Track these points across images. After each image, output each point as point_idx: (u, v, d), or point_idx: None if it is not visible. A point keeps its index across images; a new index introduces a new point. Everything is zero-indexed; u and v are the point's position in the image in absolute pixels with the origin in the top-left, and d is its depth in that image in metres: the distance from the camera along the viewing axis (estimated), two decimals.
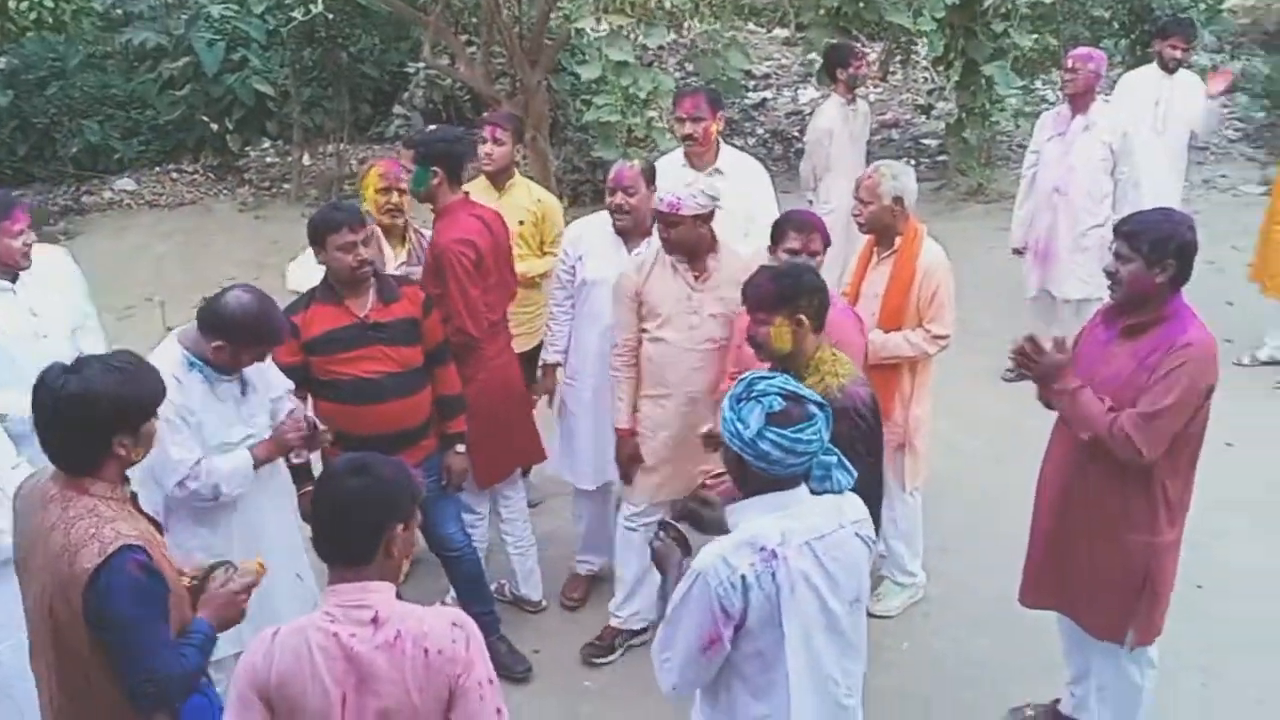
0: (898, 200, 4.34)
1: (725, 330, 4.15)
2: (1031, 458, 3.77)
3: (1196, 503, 3.55)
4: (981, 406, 6.36)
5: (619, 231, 4.46)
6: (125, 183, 10.88)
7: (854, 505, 2.68)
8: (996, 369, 6.75)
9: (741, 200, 4.86)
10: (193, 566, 2.93)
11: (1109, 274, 3.38)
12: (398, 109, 11.69)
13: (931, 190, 10.02)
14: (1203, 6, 10.29)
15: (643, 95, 7.28)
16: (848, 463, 2.68)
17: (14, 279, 4.05)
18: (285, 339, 3.63)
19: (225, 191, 10.93)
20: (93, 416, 2.58)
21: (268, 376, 3.70)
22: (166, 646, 2.61)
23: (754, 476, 2.55)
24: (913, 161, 10.84)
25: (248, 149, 11.37)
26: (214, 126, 10.97)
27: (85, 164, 10.89)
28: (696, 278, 4.16)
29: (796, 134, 11.79)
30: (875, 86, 13.02)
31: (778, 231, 4.02)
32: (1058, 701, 4.00)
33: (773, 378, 2.61)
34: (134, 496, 2.79)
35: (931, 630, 4.62)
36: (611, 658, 4.50)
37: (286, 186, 10.74)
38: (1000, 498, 5.19)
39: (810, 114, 12.37)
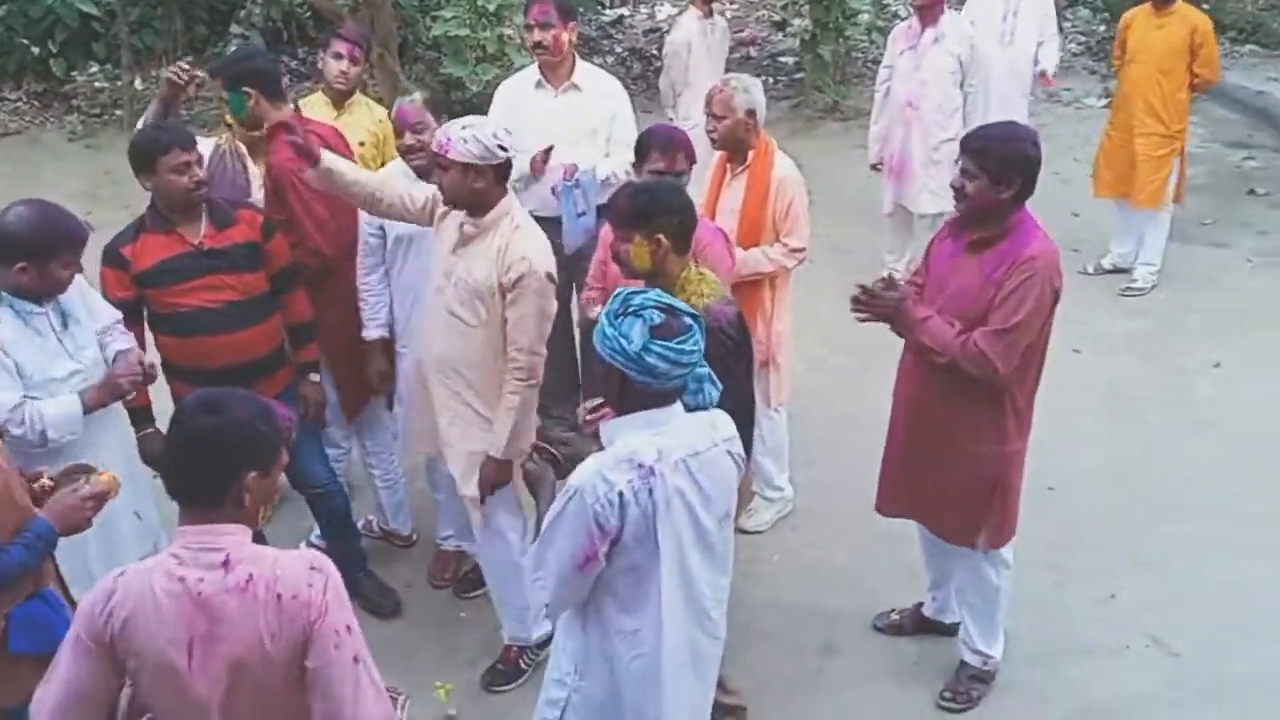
0: (750, 114, 4.29)
1: (472, 310, 3.61)
2: (887, 367, 3.83)
3: (1046, 406, 3.67)
4: (844, 323, 6.34)
5: (419, 174, 4.06)
6: None
7: (725, 423, 2.70)
8: (855, 282, 6.86)
9: (601, 118, 4.75)
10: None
11: (955, 189, 3.40)
12: (235, 29, 11.06)
13: (789, 108, 10.06)
14: None
15: (492, 8, 7.02)
16: (715, 378, 2.69)
17: None
18: (81, 240, 3.30)
19: (52, 120, 10.24)
20: None
21: (92, 306, 3.49)
22: None
23: (635, 393, 2.53)
24: (770, 79, 10.84)
25: (74, 74, 10.63)
26: (35, 50, 10.21)
27: None
28: (457, 245, 3.61)
29: (655, 52, 11.64)
30: (732, 3, 12.94)
31: (641, 149, 3.93)
32: (920, 605, 4.12)
33: (646, 292, 2.59)
34: None
35: (800, 542, 4.70)
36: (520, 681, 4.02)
37: (119, 113, 10.10)
38: (864, 411, 5.26)
39: (668, 30, 12.31)
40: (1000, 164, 3.28)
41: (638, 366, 2.48)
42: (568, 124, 4.73)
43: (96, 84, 10.72)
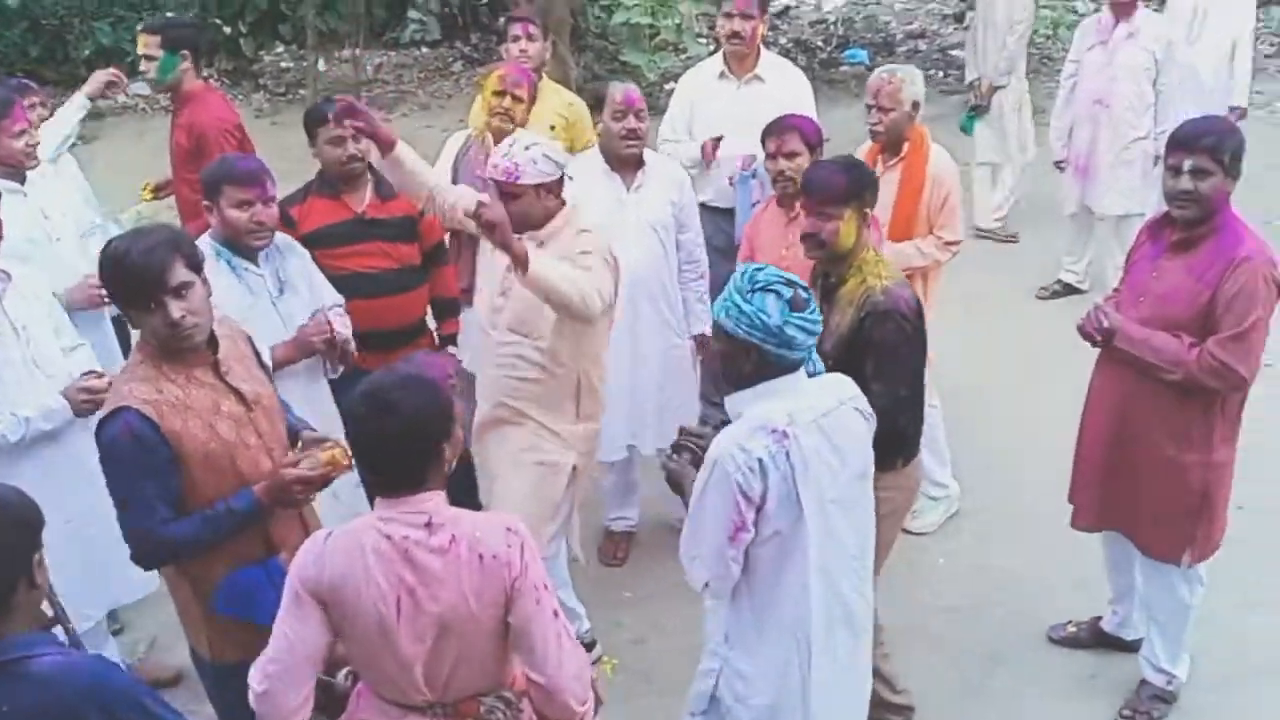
0: (915, 106, 4.24)
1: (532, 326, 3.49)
2: (1068, 374, 3.72)
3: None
4: (1017, 323, 6.30)
5: (623, 163, 4.10)
6: (140, 86, 10.63)
7: (847, 383, 2.73)
8: (1031, 285, 6.69)
9: (782, 110, 4.71)
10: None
11: (1185, 193, 3.24)
12: (412, 13, 11.47)
13: (963, 102, 9.81)
14: None
15: None
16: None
17: (22, 180, 3.95)
18: (245, 180, 3.41)
19: (240, 97, 10.74)
20: None
21: (316, 284, 3.67)
22: (139, 504, 2.61)
23: (767, 367, 2.56)
24: (940, 73, 10.62)
25: (262, 53, 11.15)
26: (227, 30, 10.74)
27: (98, 67, 10.64)
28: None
29: (819, 44, 11.54)
30: None
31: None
32: (1099, 619, 3.99)
33: (764, 268, 2.61)
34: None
35: (966, 546, 4.60)
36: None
37: (303, 93, 10.54)
38: (1036, 414, 5.17)
39: (835, 22, 12.17)
40: (1233, 157, 3.20)
41: (777, 340, 2.51)
42: (749, 115, 4.68)
43: (282, 64, 11.24)
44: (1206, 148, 3.19)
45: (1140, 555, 3.61)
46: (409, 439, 2.24)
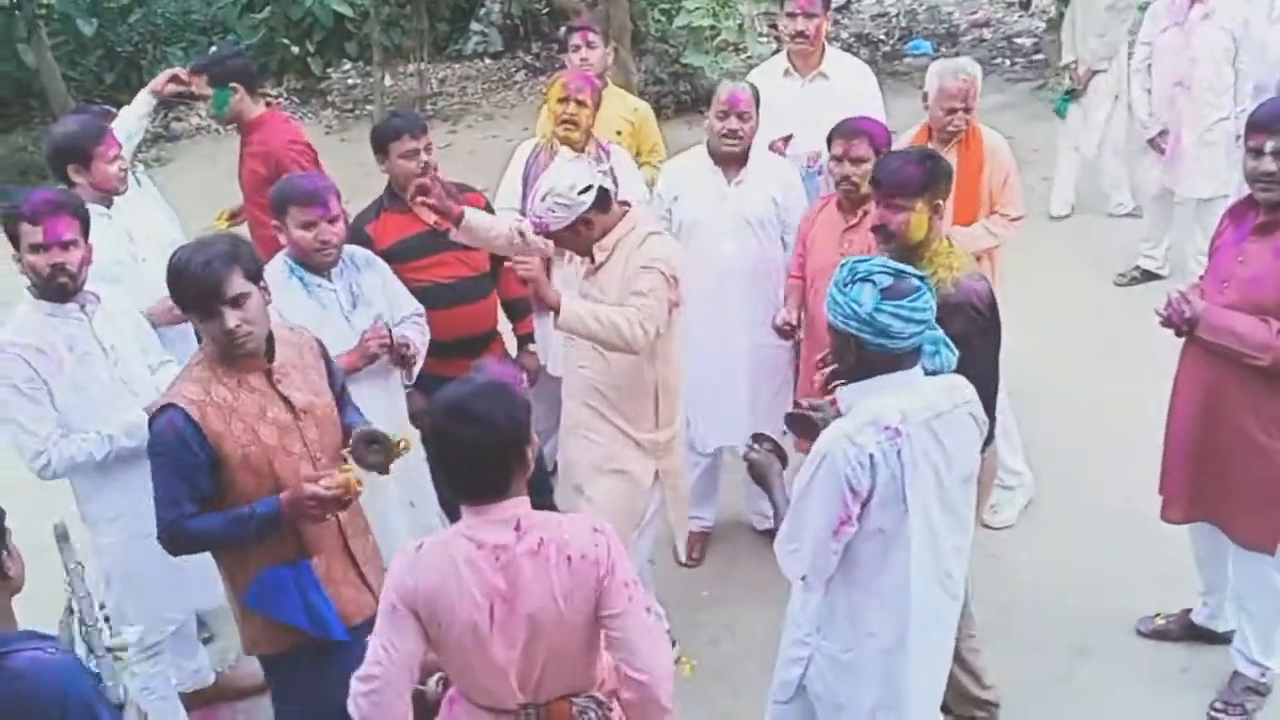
0: (977, 98, 4.27)
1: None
2: (1149, 361, 3.65)
3: None
4: (1086, 309, 6.19)
5: (725, 160, 4.17)
6: None
7: (964, 385, 2.70)
8: (1103, 272, 6.57)
9: (849, 106, 4.69)
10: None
11: (1268, 174, 3.17)
12: (475, 25, 11.61)
13: (1030, 91, 9.68)
14: None
15: None
16: (952, 344, 2.69)
17: (109, 204, 4.07)
18: (308, 200, 3.48)
19: (310, 115, 10.96)
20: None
21: (393, 296, 3.73)
22: (168, 497, 2.78)
23: (872, 359, 2.54)
24: (1007, 61, 10.48)
25: (329, 71, 11.36)
26: (295, 49, 10.96)
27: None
28: (588, 273, 3.59)
29: (882, 37, 11.45)
30: None
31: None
32: (1189, 611, 3.91)
33: (869, 259, 2.60)
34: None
35: (1045, 540, 4.53)
36: None
37: (370, 108, 10.71)
38: (1118, 404, 5.08)
39: (897, 14, 12.07)
40: None
41: (872, 329, 2.49)
42: (815, 112, 4.67)
43: (349, 81, 11.44)
44: None
45: (1233, 545, 3.52)
46: (495, 447, 2.27)
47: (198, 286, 2.71)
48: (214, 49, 5.58)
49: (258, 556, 2.88)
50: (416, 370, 3.81)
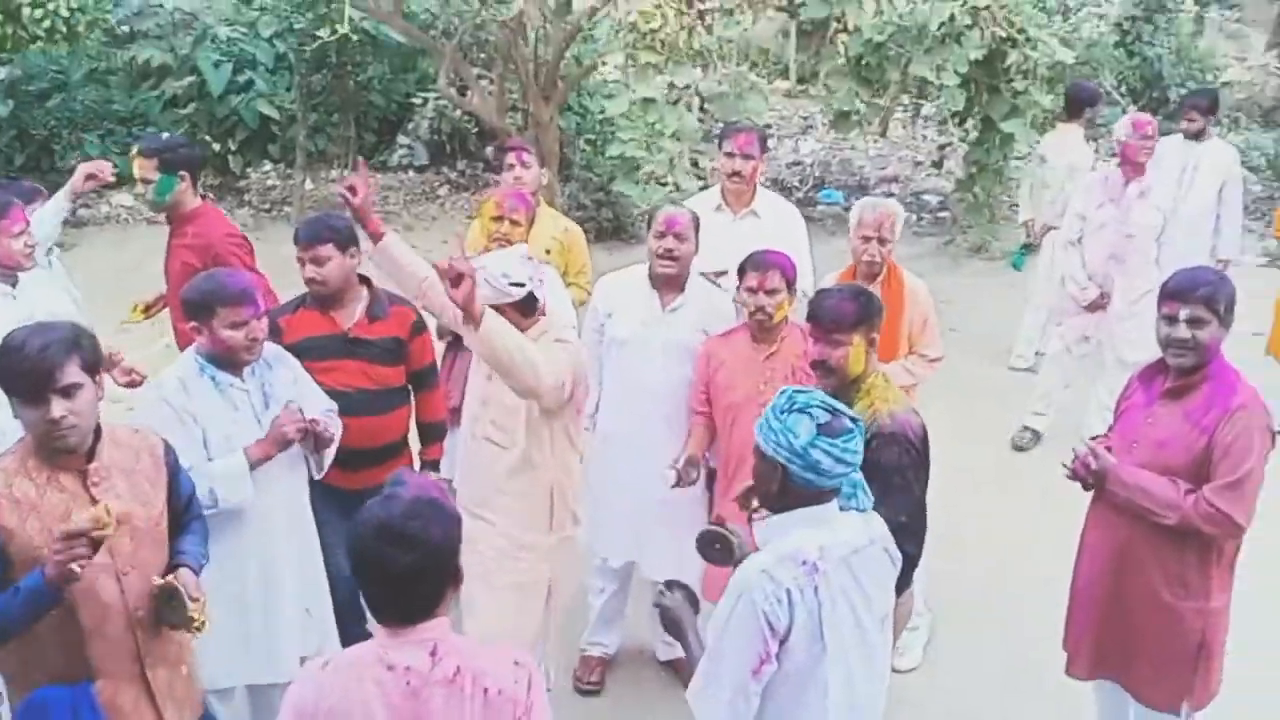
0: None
1: (507, 432, 3.65)
2: (1039, 513, 3.71)
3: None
4: (987, 463, 6.32)
5: (660, 280, 4.18)
6: (123, 198, 10.74)
7: (878, 521, 2.70)
8: (1002, 428, 6.70)
9: (776, 245, 4.81)
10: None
11: (1183, 341, 3.28)
12: (402, 139, 11.70)
13: (938, 245, 10.07)
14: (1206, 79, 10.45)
15: (669, 132, 7.28)
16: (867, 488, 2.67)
17: (14, 283, 3.94)
18: (239, 300, 3.37)
19: (225, 211, 10.80)
20: None
21: (302, 390, 3.63)
22: None
23: (794, 491, 2.53)
24: (915, 216, 10.91)
25: (249, 170, 11.28)
26: (216, 146, 10.88)
27: None
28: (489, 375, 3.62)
29: (796, 184, 11.84)
30: (875, 142, 13.11)
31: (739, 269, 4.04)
32: None
33: (810, 391, 2.61)
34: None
35: (945, 689, 4.52)
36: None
37: (287, 209, 10.65)
38: (1015, 552, 5.16)
39: (811, 164, 12.53)
40: (1228, 306, 3.27)
41: (802, 462, 2.48)
42: (745, 247, 4.78)
43: (269, 181, 11.35)
44: (1202, 298, 3.26)
45: (1135, 705, 3.54)
46: (430, 570, 2.17)
47: (30, 369, 2.54)
48: (165, 135, 5.43)
49: (38, 670, 2.67)
50: (328, 460, 3.69)
